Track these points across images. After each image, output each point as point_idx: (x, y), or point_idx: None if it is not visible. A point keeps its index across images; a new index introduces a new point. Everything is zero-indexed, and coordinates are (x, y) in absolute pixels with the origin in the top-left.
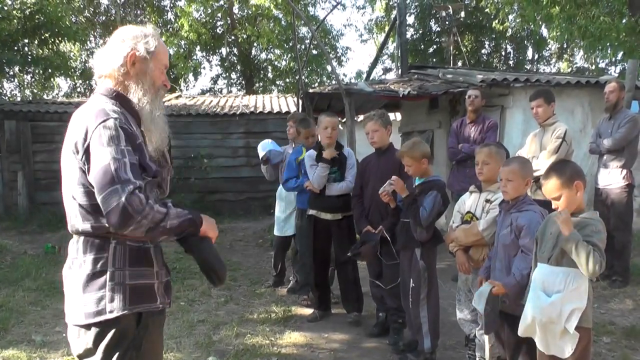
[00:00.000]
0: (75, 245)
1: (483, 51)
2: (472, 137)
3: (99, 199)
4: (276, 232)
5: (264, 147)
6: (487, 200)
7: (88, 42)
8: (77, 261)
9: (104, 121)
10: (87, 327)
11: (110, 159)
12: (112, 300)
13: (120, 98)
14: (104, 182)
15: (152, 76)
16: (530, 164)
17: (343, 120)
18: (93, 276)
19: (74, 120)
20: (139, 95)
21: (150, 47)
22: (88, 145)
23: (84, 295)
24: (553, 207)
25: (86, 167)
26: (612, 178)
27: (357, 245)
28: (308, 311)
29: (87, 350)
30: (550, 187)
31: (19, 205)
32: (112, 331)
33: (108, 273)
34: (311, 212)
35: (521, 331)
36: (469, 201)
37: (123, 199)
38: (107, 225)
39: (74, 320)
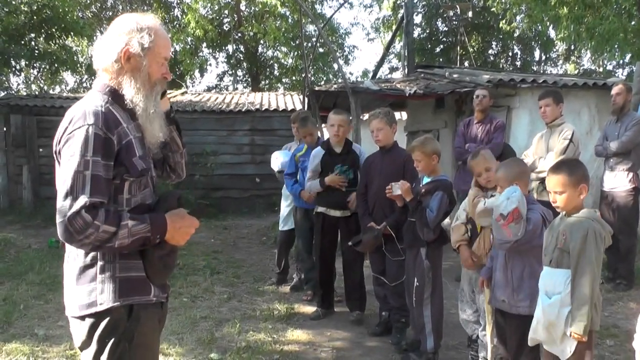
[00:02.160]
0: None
1: (490, 51)
2: (479, 137)
3: (57, 205)
4: (280, 227)
5: (278, 163)
6: (492, 196)
7: (94, 38)
8: (72, 254)
9: (77, 128)
10: (82, 318)
11: (71, 170)
12: (102, 292)
13: (113, 94)
14: (60, 192)
15: (148, 72)
16: (519, 165)
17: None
18: (85, 268)
19: (64, 117)
20: (132, 93)
21: (145, 43)
22: (60, 149)
23: (77, 288)
24: (551, 200)
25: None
26: (618, 181)
27: (361, 241)
28: (311, 309)
29: (84, 341)
30: (557, 182)
31: (23, 199)
32: (104, 322)
33: (98, 265)
34: (320, 209)
35: (530, 340)
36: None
37: (66, 217)
38: None
39: (70, 312)
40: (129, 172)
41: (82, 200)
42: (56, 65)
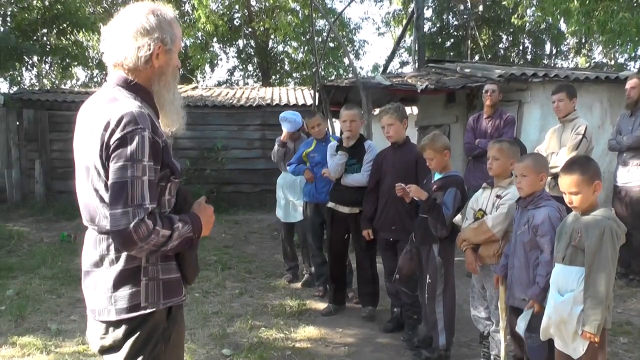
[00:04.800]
0: (106, 242)
1: (500, 45)
2: (489, 132)
3: (108, 212)
4: (283, 219)
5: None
6: (498, 196)
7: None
8: (108, 258)
9: (131, 131)
10: (117, 323)
11: (130, 176)
12: (147, 295)
13: (140, 91)
14: (117, 199)
15: (173, 64)
16: (545, 160)
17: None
18: (126, 272)
19: (96, 116)
20: (161, 87)
21: (175, 36)
22: (110, 152)
23: (116, 292)
24: (566, 201)
25: (105, 172)
26: (631, 176)
27: (399, 268)
28: (322, 305)
29: (114, 345)
30: (570, 182)
31: (36, 193)
32: (144, 326)
33: (142, 269)
34: (330, 204)
35: (541, 335)
36: (481, 198)
37: (131, 226)
38: None
39: (102, 316)
40: (175, 173)
41: (146, 207)
42: (68, 60)
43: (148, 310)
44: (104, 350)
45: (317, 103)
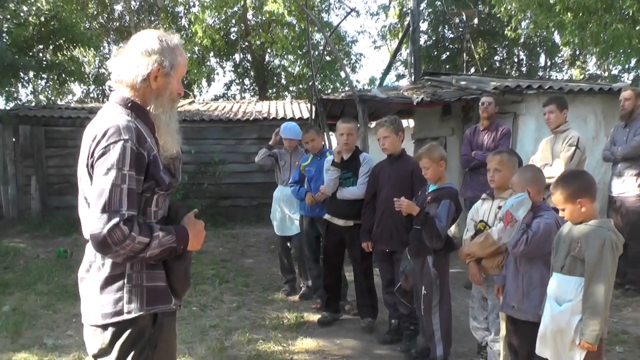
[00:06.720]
0: (94, 249)
1: (496, 58)
2: (486, 145)
3: (88, 215)
4: (278, 233)
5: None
6: (500, 207)
7: (102, 48)
8: (96, 264)
9: (113, 142)
10: (104, 327)
11: (109, 183)
12: (129, 301)
13: (136, 109)
14: (97, 204)
15: (172, 88)
16: (534, 174)
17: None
18: (111, 278)
19: (89, 131)
20: (157, 108)
21: (176, 62)
22: (94, 162)
23: (101, 297)
24: (560, 215)
25: (91, 181)
26: (626, 186)
27: (398, 280)
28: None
29: (103, 349)
30: (556, 199)
31: (32, 209)
32: (129, 331)
33: (126, 275)
34: (326, 216)
35: (537, 349)
36: (481, 209)
37: (105, 230)
38: None
39: (90, 320)
40: (160, 185)
41: (121, 213)
42: (64, 76)
43: (131, 315)
44: (96, 356)
45: (313, 116)
